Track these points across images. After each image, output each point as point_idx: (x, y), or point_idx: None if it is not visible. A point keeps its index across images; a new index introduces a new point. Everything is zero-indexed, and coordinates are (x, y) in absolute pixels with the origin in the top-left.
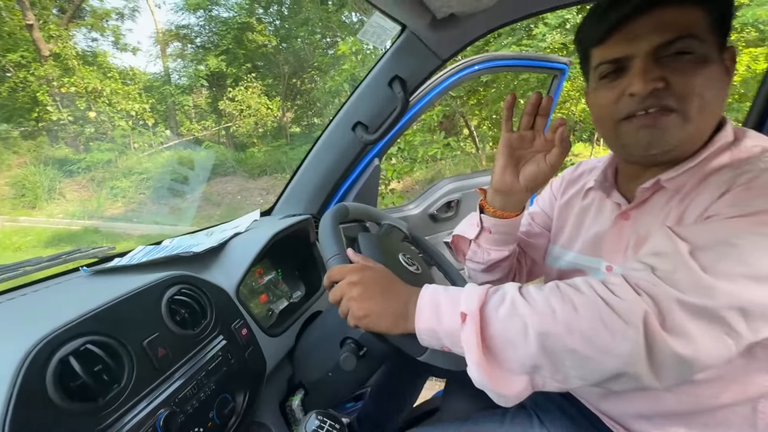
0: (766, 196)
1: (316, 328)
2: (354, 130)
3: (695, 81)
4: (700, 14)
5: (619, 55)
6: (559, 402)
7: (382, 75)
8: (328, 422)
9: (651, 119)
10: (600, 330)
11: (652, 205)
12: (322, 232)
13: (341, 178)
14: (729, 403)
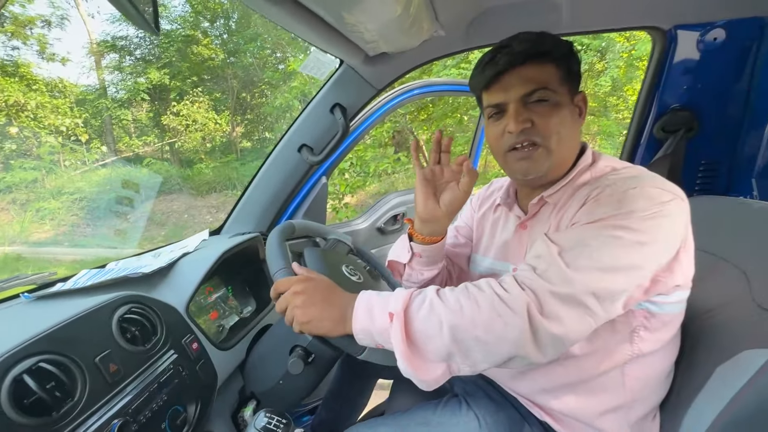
0: (609, 205)
1: (266, 339)
2: (300, 151)
3: (552, 122)
4: (552, 70)
5: (498, 101)
6: (484, 387)
7: (324, 102)
8: (275, 418)
9: (525, 153)
10: (496, 320)
11: (541, 216)
12: (268, 249)
13: (290, 197)
14: (604, 370)
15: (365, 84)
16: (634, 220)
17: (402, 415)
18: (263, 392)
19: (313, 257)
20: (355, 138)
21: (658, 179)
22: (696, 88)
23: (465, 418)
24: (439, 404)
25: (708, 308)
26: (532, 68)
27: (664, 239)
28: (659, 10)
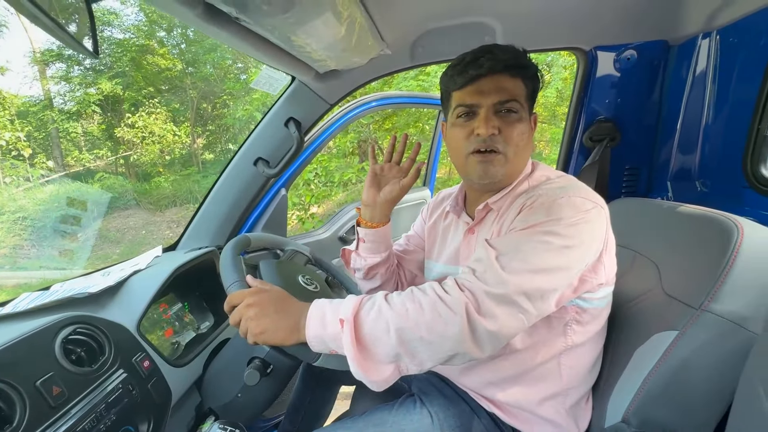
0: (540, 213)
1: (223, 353)
2: (256, 165)
3: (515, 133)
4: (522, 85)
5: (472, 102)
6: (438, 384)
7: (278, 116)
8: (229, 429)
9: (487, 157)
10: (437, 320)
11: (486, 222)
12: (222, 263)
13: (247, 210)
14: (542, 362)
15: (318, 99)
16: (561, 226)
17: (359, 418)
18: (221, 406)
19: (268, 269)
20: (313, 150)
21: (583, 189)
22: (616, 101)
23: (419, 415)
24: (395, 404)
25: (629, 299)
26: (508, 79)
27: (587, 243)
28: (580, 33)
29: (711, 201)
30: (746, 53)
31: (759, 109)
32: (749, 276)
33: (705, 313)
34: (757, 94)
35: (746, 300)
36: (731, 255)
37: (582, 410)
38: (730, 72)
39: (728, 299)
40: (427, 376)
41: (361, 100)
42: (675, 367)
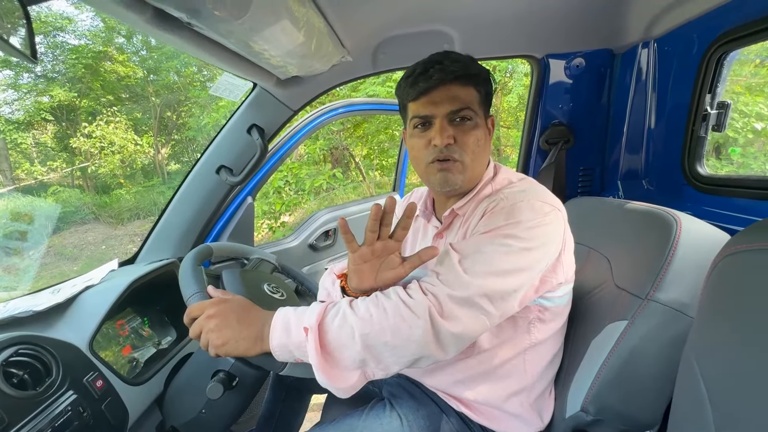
0: (501, 216)
1: (185, 369)
2: (218, 173)
3: (470, 140)
4: (474, 93)
5: (426, 113)
6: (407, 387)
7: (241, 123)
8: None
9: (445, 165)
10: (401, 324)
11: (453, 227)
12: (181, 273)
13: (211, 219)
14: (508, 359)
15: (281, 105)
16: (520, 229)
17: (329, 425)
18: (184, 424)
19: (230, 278)
20: (280, 157)
21: (542, 193)
22: (569, 106)
23: (389, 419)
24: (365, 410)
25: (585, 292)
26: (460, 88)
27: (546, 244)
28: (533, 41)
29: (656, 198)
30: (680, 61)
31: (692, 112)
32: (687, 265)
33: (651, 302)
34: (690, 99)
35: (685, 288)
36: (671, 247)
37: (545, 403)
38: (667, 78)
39: (670, 288)
40: (398, 379)
41: (328, 107)
42: (625, 354)
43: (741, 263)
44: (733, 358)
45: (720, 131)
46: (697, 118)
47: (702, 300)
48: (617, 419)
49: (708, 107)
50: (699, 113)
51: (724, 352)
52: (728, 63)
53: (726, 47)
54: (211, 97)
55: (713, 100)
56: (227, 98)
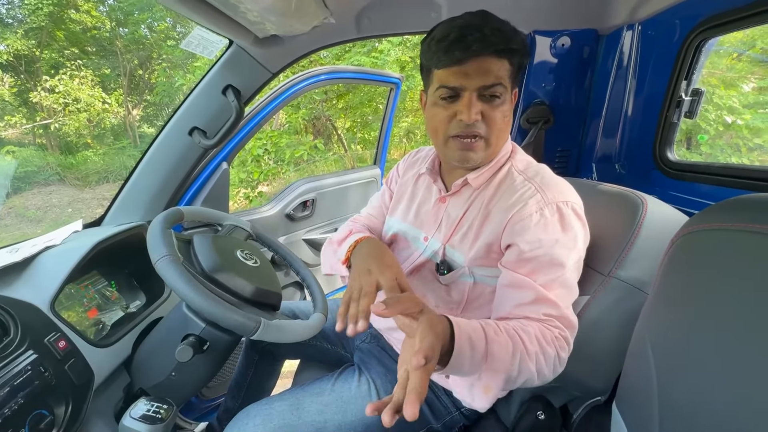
0: (557, 229)
1: (156, 332)
2: (191, 135)
3: (497, 117)
4: (508, 66)
5: (456, 85)
6: (378, 354)
7: (215, 83)
8: (155, 405)
9: (469, 143)
10: (550, 369)
11: (461, 195)
12: (149, 236)
13: (184, 183)
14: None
15: (259, 66)
16: (578, 247)
17: (299, 389)
18: (153, 386)
19: (202, 243)
20: (258, 122)
21: (567, 188)
22: (551, 85)
23: (357, 383)
24: (335, 374)
25: None
26: (495, 61)
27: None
28: (521, 15)
29: (627, 181)
30: (661, 46)
31: (668, 97)
32: (649, 245)
33: (613, 279)
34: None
35: (645, 266)
36: (636, 227)
37: None
38: (647, 63)
39: (631, 266)
40: (369, 346)
41: (310, 73)
42: (586, 327)
43: (695, 243)
44: (681, 332)
45: (692, 118)
46: (671, 104)
47: (657, 278)
48: (573, 386)
49: (683, 94)
50: (674, 99)
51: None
52: (706, 50)
53: (705, 34)
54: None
55: (688, 86)
56: (200, 54)
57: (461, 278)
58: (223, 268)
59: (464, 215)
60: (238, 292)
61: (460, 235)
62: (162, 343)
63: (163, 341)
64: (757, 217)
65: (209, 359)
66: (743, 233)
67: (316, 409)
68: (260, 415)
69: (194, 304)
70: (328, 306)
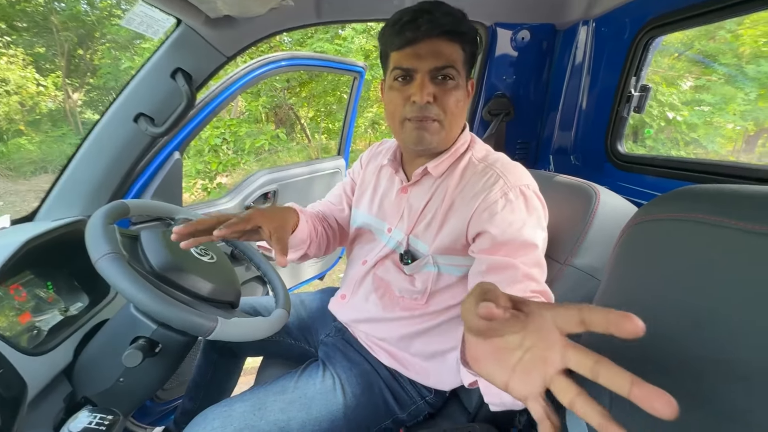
0: (522, 211)
1: (101, 336)
2: (137, 121)
3: (451, 101)
4: (460, 51)
5: (408, 66)
6: (343, 348)
7: (162, 66)
8: (98, 416)
9: (422, 124)
10: None
11: (422, 185)
12: (88, 232)
13: (129, 174)
14: (447, 319)
15: (211, 49)
16: (541, 225)
17: (261, 388)
18: (99, 394)
19: (151, 239)
20: (213, 110)
21: (525, 173)
22: (512, 78)
23: (322, 378)
24: (298, 371)
25: None
26: (447, 44)
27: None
28: (483, 7)
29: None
30: (613, 43)
31: (618, 93)
32: (601, 234)
33: (568, 267)
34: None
35: (598, 254)
36: (590, 217)
37: None
38: (600, 58)
39: (585, 254)
40: (334, 340)
41: (269, 58)
42: None
43: (644, 233)
44: None
45: (640, 113)
46: (622, 99)
47: (609, 266)
48: None
49: (632, 89)
50: (624, 94)
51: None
52: (653, 48)
53: (653, 32)
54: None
55: (637, 82)
56: (144, 33)
57: (425, 268)
58: (175, 266)
59: (427, 205)
60: (192, 290)
61: (423, 225)
62: (108, 347)
63: (109, 345)
64: (701, 207)
65: (162, 362)
66: (688, 223)
67: (279, 408)
68: (219, 417)
69: (142, 305)
70: (290, 301)
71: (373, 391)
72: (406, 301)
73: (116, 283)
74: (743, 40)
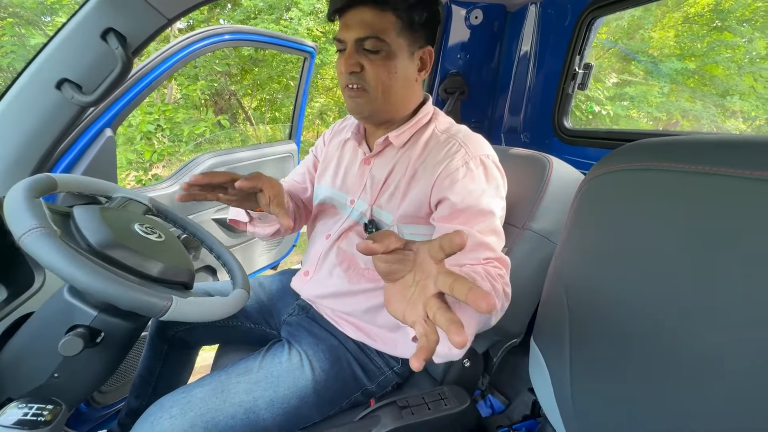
0: (482, 180)
1: (27, 329)
2: (59, 88)
3: (380, 71)
4: (392, 18)
5: (340, 37)
6: (308, 325)
7: (90, 25)
8: (34, 407)
9: (354, 93)
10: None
11: (385, 156)
12: (7, 206)
13: (52, 149)
14: None
15: (150, 8)
16: (500, 194)
17: (221, 372)
18: (30, 393)
19: (86, 216)
20: (150, 83)
21: (485, 143)
22: (465, 57)
23: (287, 356)
24: (261, 352)
25: None
26: (371, 13)
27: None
28: None
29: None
30: (558, 24)
31: (564, 71)
32: (555, 199)
33: (527, 231)
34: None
35: (552, 218)
36: (545, 183)
37: None
38: (547, 39)
39: (541, 218)
40: (298, 319)
41: (211, 30)
42: None
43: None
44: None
45: (584, 90)
46: (567, 77)
47: (567, 222)
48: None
49: (576, 67)
50: (569, 72)
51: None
52: (595, 28)
53: (595, 13)
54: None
55: (581, 61)
56: None
57: None
58: (117, 243)
59: (390, 175)
60: (139, 269)
61: (387, 195)
62: (37, 341)
63: (38, 338)
64: (656, 156)
65: (105, 353)
66: (642, 171)
67: (244, 389)
68: (177, 405)
69: (82, 283)
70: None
71: (342, 364)
72: (371, 273)
73: (48, 260)
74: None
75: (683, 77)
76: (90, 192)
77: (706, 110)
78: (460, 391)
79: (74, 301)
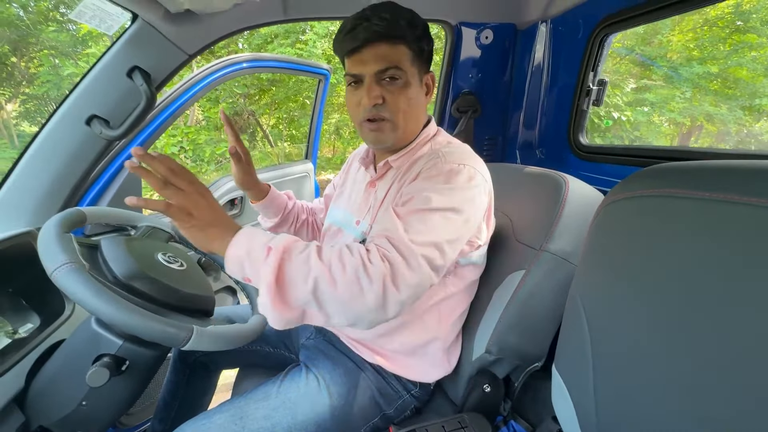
0: (440, 179)
1: (57, 357)
2: (89, 124)
3: (401, 100)
4: (404, 50)
5: (356, 72)
6: (324, 349)
7: (118, 64)
8: None
9: (376, 125)
10: (355, 284)
11: (386, 178)
12: (41, 242)
13: (82, 181)
14: (424, 311)
15: (171, 46)
16: (457, 200)
17: (240, 397)
18: (59, 421)
19: (112, 247)
20: (174, 111)
21: (477, 160)
22: (477, 76)
23: (305, 381)
24: (280, 377)
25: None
26: (388, 47)
27: (477, 212)
28: (446, 7)
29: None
30: (570, 40)
31: (578, 88)
32: (573, 219)
33: (544, 252)
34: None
35: (570, 239)
36: (561, 203)
37: (454, 348)
38: (559, 56)
39: (559, 239)
40: (315, 342)
41: (230, 59)
42: (522, 299)
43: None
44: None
45: (598, 105)
46: (581, 94)
47: (585, 245)
48: (514, 356)
49: (590, 83)
50: (583, 89)
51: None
52: (608, 44)
53: (608, 30)
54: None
55: (595, 77)
56: (96, 28)
57: None
58: (141, 274)
59: (386, 196)
60: (162, 299)
61: (381, 213)
62: (67, 369)
63: (68, 366)
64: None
65: (130, 380)
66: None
67: (262, 415)
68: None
69: (107, 317)
70: None
71: (359, 389)
72: None
73: (76, 295)
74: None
75: (705, 81)
76: (116, 223)
77: (732, 113)
78: (480, 419)
79: (101, 331)
